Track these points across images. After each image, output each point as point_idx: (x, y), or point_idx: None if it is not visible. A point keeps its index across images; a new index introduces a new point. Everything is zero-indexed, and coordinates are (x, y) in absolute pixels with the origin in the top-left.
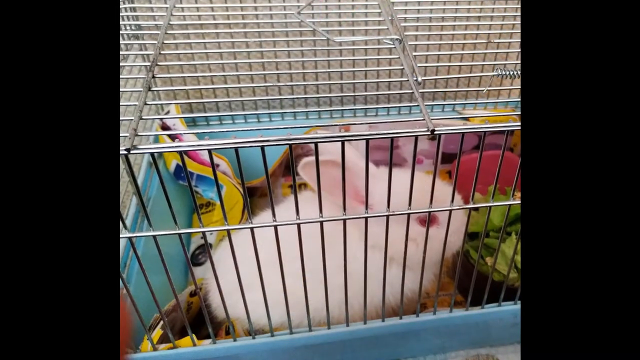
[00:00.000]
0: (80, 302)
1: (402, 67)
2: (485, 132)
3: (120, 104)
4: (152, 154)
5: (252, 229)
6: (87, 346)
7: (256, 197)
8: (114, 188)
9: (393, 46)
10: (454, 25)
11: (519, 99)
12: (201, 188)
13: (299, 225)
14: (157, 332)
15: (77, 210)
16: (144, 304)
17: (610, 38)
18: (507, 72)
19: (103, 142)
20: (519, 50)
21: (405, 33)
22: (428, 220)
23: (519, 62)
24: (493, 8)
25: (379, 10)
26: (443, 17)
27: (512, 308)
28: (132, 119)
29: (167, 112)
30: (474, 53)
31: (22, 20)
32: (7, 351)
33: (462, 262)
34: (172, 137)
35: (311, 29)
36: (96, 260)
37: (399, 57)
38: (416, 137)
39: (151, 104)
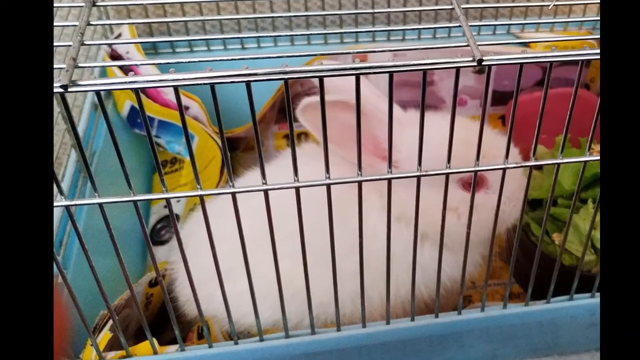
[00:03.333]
0: None
1: None
2: (551, 62)
3: (55, 23)
4: (97, 93)
5: (233, 194)
6: (9, 355)
7: (239, 152)
8: (46, 139)
9: None
10: None
11: (598, 17)
12: (164, 139)
13: (297, 189)
14: (104, 335)
15: None
16: (86, 296)
17: None
18: None
19: (30, 77)
20: None
21: None
22: (474, 182)
23: None
24: None
25: None
26: None
27: (588, 303)
28: (70, 45)
29: (119, 36)
30: None
31: None
32: None
33: (520, 239)
34: (125, 70)
35: None
36: (20, 238)
37: None
38: (457, 69)
39: (96, 25)
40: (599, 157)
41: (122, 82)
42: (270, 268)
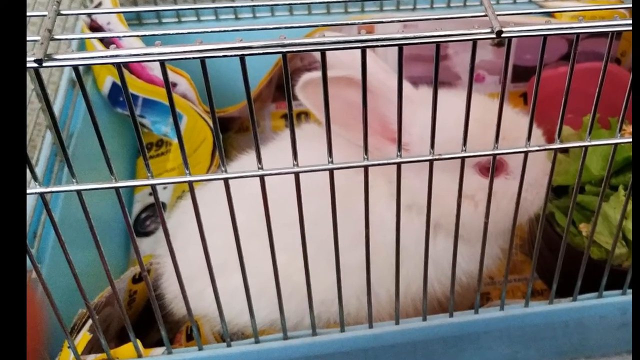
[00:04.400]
0: None
1: None
2: (578, 34)
3: None
4: (75, 68)
5: (226, 180)
6: None
7: (232, 133)
8: (18, 119)
9: None
10: None
11: None
12: (150, 119)
13: (297, 175)
14: (83, 337)
15: None
16: (63, 293)
17: None
18: None
19: (0, 50)
20: None
21: None
22: (492, 167)
23: None
24: None
25: None
26: None
27: (619, 300)
28: (45, 15)
29: (99, 5)
30: None
31: None
32: None
33: (543, 230)
34: (106, 43)
35: None
36: None
37: None
38: (474, 42)
39: None
40: (631, 139)
41: (102, 56)
42: (266, 262)
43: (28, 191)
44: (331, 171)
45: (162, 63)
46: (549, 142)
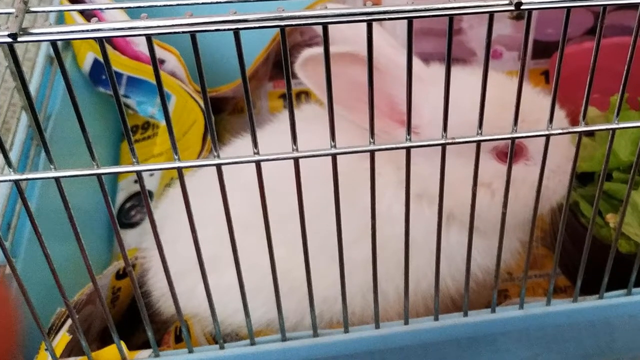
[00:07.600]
0: None
1: None
2: (605, 6)
3: None
4: (53, 43)
5: (219, 166)
6: None
7: (226, 114)
8: None
9: None
10: None
11: None
12: (135, 99)
13: (296, 160)
14: (62, 338)
15: None
16: (40, 290)
17: None
18: None
19: None
20: None
21: None
22: (511, 152)
23: None
24: None
25: None
26: None
27: None
28: None
29: None
30: None
31: None
32: None
33: (567, 221)
34: (87, 15)
35: None
36: None
37: None
38: (491, 14)
39: None
40: None
41: (83, 30)
42: (263, 256)
43: (1, 178)
44: (334, 156)
45: (149, 38)
46: (572, 125)
